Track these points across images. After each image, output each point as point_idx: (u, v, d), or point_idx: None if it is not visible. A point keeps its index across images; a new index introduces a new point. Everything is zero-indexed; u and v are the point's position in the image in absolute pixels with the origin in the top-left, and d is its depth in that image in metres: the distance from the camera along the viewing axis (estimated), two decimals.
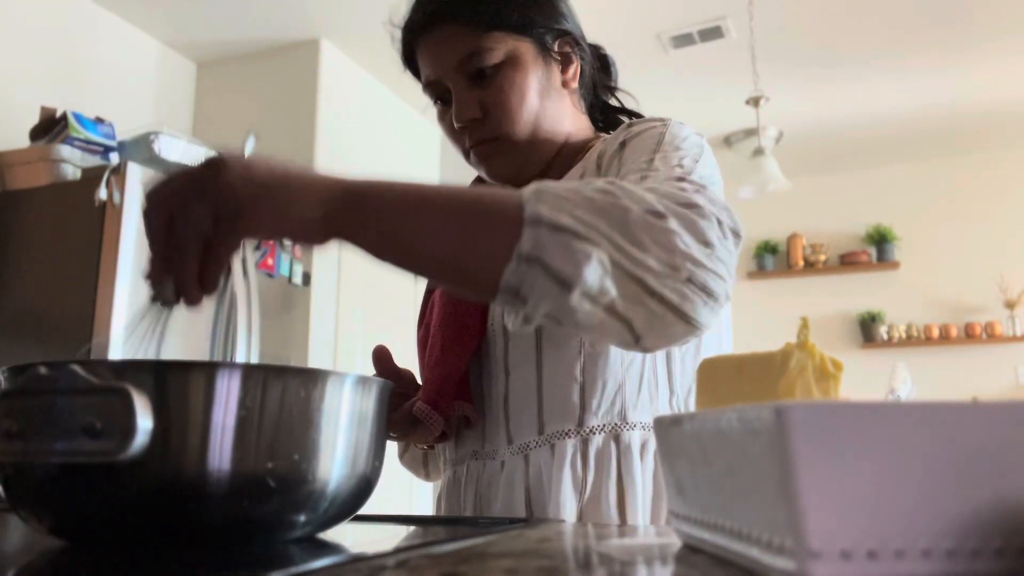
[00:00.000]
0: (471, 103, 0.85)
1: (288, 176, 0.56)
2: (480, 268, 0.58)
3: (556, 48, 0.89)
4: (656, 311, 0.57)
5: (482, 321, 0.86)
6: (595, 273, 0.55)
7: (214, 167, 0.55)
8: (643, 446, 0.80)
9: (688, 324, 0.58)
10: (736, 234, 0.62)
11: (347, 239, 0.57)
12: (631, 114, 0.99)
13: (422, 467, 1.02)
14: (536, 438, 0.81)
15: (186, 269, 0.54)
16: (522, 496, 0.80)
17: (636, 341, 0.59)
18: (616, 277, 0.56)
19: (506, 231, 0.56)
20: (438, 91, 0.89)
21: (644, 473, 0.79)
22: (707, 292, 0.58)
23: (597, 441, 0.79)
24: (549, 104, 0.87)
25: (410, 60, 0.92)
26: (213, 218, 0.54)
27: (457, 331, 0.85)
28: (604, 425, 0.79)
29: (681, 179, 0.68)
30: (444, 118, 0.90)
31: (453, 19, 0.85)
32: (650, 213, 0.58)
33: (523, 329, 0.60)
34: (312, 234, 0.57)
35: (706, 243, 0.59)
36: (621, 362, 0.80)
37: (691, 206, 0.60)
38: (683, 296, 0.57)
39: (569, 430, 0.79)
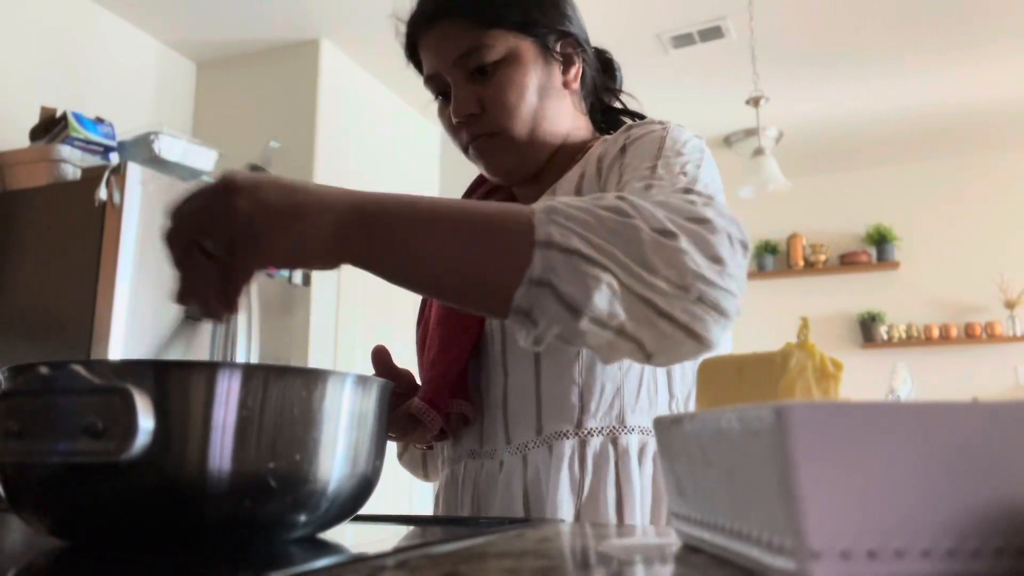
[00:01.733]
0: (470, 98, 0.86)
1: (297, 201, 0.56)
2: (492, 291, 0.57)
3: (558, 49, 0.89)
4: (666, 331, 0.57)
5: (479, 320, 0.86)
6: (604, 298, 0.55)
7: (226, 193, 0.55)
8: (641, 450, 0.80)
9: (698, 343, 0.58)
10: (744, 246, 0.61)
11: (358, 264, 0.57)
12: (633, 115, 1.00)
13: (421, 467, 1.02)
14: (534, 438, 0.81)
15: (207, 293, 0.55)
16: (520, 496, 0.80)
17: (648, 358, 0.60)
18: (625, 300, 0.56)
19: (517, 253, 0.56)
20: (439, 86, 0.89)
21: (642, 477, 0.79)
22: (718, 310, 0.58)
23: (595, 444, 0.79)
24: (548, 103, 0.88)
25: (413, 54, 0.93)
26: (228, 246, 0.54)
27: (454, 330, 0.85)
28: (602, 428, 0.79)
29: (688, 190, 0.67)
30: (444, 113, 0.90)
31: (456, 15, 0.85)
32: (660, 232, 0.58)
33: (534, 348, 0.60)
34: (324, 260, 0.57)
35: (716, 259, 0.58)
36: (620, 366, 0.80)
37: (701, 221, 0.60)
38: (693, 316, 0.57)
39: (567, 431, 0.79)
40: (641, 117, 0.98)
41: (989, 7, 3.27)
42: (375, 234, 0.57)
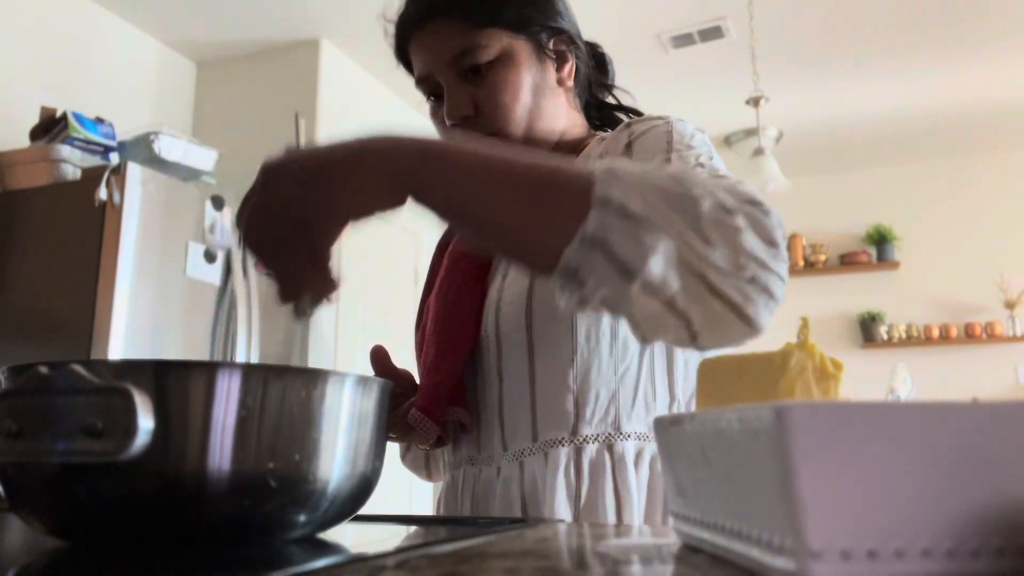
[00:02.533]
0: (464, 100, 0.85)
1: (350, 151, 0.56)
2: (542, 244, 0.56)
3: (551, 46, 0.89)
4: (717, 310, 0.55)
5: (475, 327, 0.85)
6: (659, 265, 0.54)
7: (267, 177, 0.56)
8: (638, 456, 0.79)
9: (748, 325, 0.57)
10: (784, 237, 0.60)
11: (419, 202, 0.57)
12: (628, 111, 0.99)
13: (423, 468, 1.02)
14: (530, 445, 0.80)
15: (304, 281, 0.56)
16: (518, 502, 0.80)
17: (693, 339, 0.57)
18: (680, 271, 0.54)
19: (573, 210, 0.55)
20: (430, 87, 0.88)
21: (639, 483, 0.78)
22: (768, 293, 0.56)
23: (590, 451, 0.78)
24: (543, 102, 0.87)
25: (403, 55, 0.91)
26: (302, 218, 0.55)
27: (450, 338, 0.85)
28: (598, 435, 0.78)
29: (722, 176, 0.66)
30: (436, 115, 0.89)
31: (448, 15, 0.84)
32: (720, 208, 0.56)
33: (577, 311, 0.58)
34: (389, 200, 0.57)
35: (771, 243, 0.57)
36: (615, 372, 0.79)
37: (755, 203, 0.58)
38: (746, 296, 0.55)
39: (563, 438, 0.79)
40: (636, 112, 0.98)
41: (989, 7, 3.27)
42: (436, 173, 0.57)
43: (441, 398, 0.82)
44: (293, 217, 0.55)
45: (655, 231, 0.54)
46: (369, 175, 0.56)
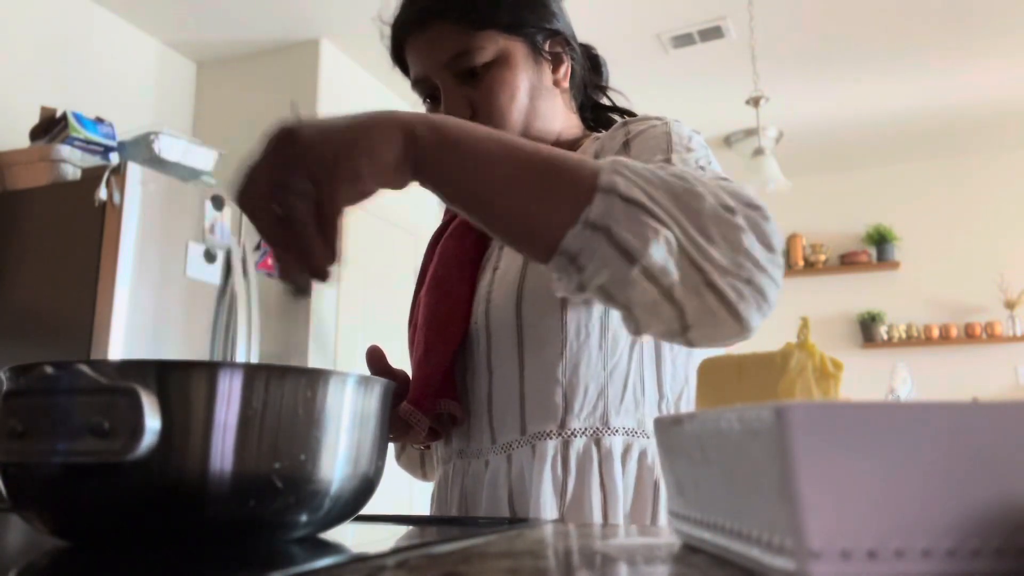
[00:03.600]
0: (460, 102, 0.85)
1: (365, 120, 0.57)
2: (543, 227, 0.57)
3: (547, 48, 0.89)
4: (711, 305, 0.56)
5: (464, 320, 0.85)
6: (661, 251, 0.55)
7: (287, 133, 0.55)
8: (625, 451, 0.79)
9: (739, 324, 0.58)
10: (781, 244, 0.61)
11: (426, 180, 0.58)
12: (622, 112, 0.99)
13: (419, 467, 1.02)
14: (519, 438, 0.80)
15: (308, 244, 0.54)
16: (505, 496, 0.80)
17: (683, 331, 0.59)
18: (680, 262, 0.55)
19: (577, 195, 0.56)
20: (427, 89, 0.89)
21: (626, 479, 0.78)
22: (762, 295, 0.57)
23: (578, 444, 0.78)
24: (540, 104, 0.87)
25: (399, 57, 0.92)
26: (311, 181, 0.53)
27: (439, 330, 0.85)
28: (586, 428, 0.79)
29: (725, 179, 0.67)
30: None
31: (444, 17, 0.84)
32: (722, 206, 0.57)
33: (573, 298, 0.59)
34: (398, 177, 0.57)
35: (769, 247, 0.58)
36: (604, 366, 0.79)
37: (756, 207, 0.59)
38: (740, 295, 0.56)
39: (551, 431, 0.79)
40: (631, 114, 0.98)
41: (989, 7, 3.27)
42: (447, 152, 0.57)
43: (431, 390, 0.82)
44: (307, 177, 0.53)
45: (658, 219, 0.55)
46: (387, 141, 0.56)
